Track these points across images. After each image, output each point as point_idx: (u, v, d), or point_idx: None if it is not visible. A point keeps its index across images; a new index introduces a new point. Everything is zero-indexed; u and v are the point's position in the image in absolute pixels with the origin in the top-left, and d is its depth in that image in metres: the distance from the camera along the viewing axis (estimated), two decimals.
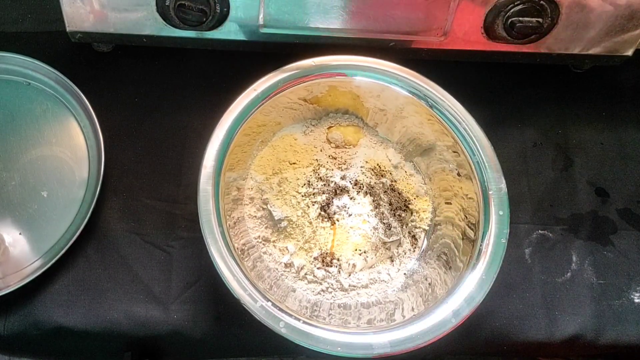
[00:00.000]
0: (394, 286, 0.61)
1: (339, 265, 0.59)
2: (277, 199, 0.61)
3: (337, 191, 0.61)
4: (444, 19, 0.63)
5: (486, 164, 0.58)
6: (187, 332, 0.60)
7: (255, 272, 0.57)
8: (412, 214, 0.64)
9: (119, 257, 0.62)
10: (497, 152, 0.59)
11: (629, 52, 0.68)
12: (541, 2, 0.61)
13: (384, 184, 0.63)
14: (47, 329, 0.59)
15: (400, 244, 0.63)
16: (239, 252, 0.56)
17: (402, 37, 0.65)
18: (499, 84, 0.74)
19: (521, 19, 0.62)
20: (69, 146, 0.65)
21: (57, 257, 0.59)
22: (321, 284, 0.59)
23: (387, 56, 0.62)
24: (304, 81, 0.61)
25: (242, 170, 0.63)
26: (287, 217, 0.60)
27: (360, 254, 0.60)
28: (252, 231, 0.62)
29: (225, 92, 0.60)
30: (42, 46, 0.70)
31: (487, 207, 0.57)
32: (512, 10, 0.62)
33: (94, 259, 0.62)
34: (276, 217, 0.60)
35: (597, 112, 0.74)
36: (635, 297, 0.64)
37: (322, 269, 0.59)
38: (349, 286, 0.60)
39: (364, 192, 0.62)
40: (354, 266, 0.60)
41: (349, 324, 0.57)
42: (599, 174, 0.70)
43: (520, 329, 0.63)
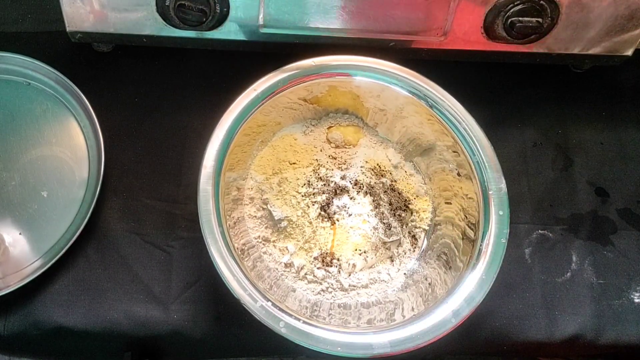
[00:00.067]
0: (394, 286, 0.61)
1: (339, 265, 0.59)
2: (277, 199, 0.61)
3: (337, 191, 0.61)
4: (444, 19, 0.63)
5: (486, 164, 0.58)
6: (187, 332, 0.60)
7: (255, 272, 0.57)
8: (412, 214, 0.64)
9: (119, 257, 0.62)
10: (497, 152, 0.59)
11: (629, 52, 0.68)
12: (541, 2, 0.61)
13: (384, 184, 0.63)
14: (47, 329, 0.59)
15: (400, 244, 0.63)
16: (239, 252, 0.56)
17: (402, 37, 0.65)
18: (499, 84, 0.74)
19: (521, 19, 0.62)
20: (69, 146, 0.65)
21: (57, 257, 0.59)
22: (321, 284, 0.59)
23: (387, 56, 0.62)
24: (304, 81, 0.61)
25: (242, 170, 0.63)
26: (287, 217, 0.60)
27: (360, 254, 0.60)
28: (252, 231, 0.62)
29: (225, 92, 0.60)
30: (42, 46, 0.70)
31: (487, 207, 0.57)
32: (512, 10, 0.62)
33: (94, 259, 0.62)
34: (276, 217, 0.60)
35: (597, 112, 0.74)
36: (635, 297, 0.64)
37: (322, 269, 0.59)
38: (349, 286, 0.60)
39: (364, 192, 0.62)
40: (354, 266, 0.60)
41: (349, 324, 0.57)
42: (599, 174, 0.70)
43: (520, 329, 0.63)
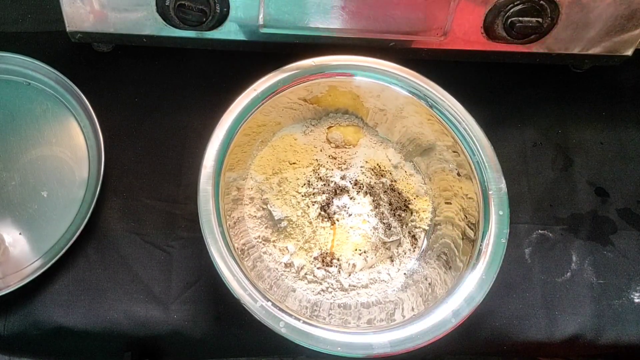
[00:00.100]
0: (394, 286, 0.61)
1: (339, 265, 0.59)
2: (277, 199, 0.61)
3: (337, 191, 0.61)
4: (444, 19, 0.63)
5: (486, 164, 0.58)
6: (187, 332, 0.60)
7: (255, 272, 0.57)
8: (412, 214, 0.64)
9: (119, 257, 0.62)
10: (497, 152, 0.59)
11: (629, 52, 0.68)
12: (541, 2, 0.61)
13: (384, 184, 0.63)
14: (47, 329, 0.59)
15: (400, 244, 0.63)
16: (239, 252, 0.56)
17: (402, 37, 0.65)
18: (499, 84, 0.74)
19: (521, 19, 0.62)
20: (69, 146, 0.65)
21: (57, 257, 0.59)
22: (321, 283, 0.59)
23: (387, 56, 0.62)
24: (304, 81, 0.61)
25: (242, 170, 0.63)
26: (287, 217, 0.60)
27: (360, 254, 0.60)
28: (252, 231, 0.62)
29: (225, 92, 0.60)
30: (42, 46, 0.70)
31: (487, 207, 0.57)
32: (512, 10, 0.62)
33: (94, 259, 0.62)
34: (276, 217, 0.60)
35: (597, 112, 0.74)
36: (635, 297, 0.64)
37: (322, 268, 0.59)
38: (349, 286, 0.60)
39: (364, 192, 0.62)
40: (354, 266, 0.60)
41: (349, 324, 0.57)
42: (599, 174, 0.70)
43: (520, 329, 0.63)
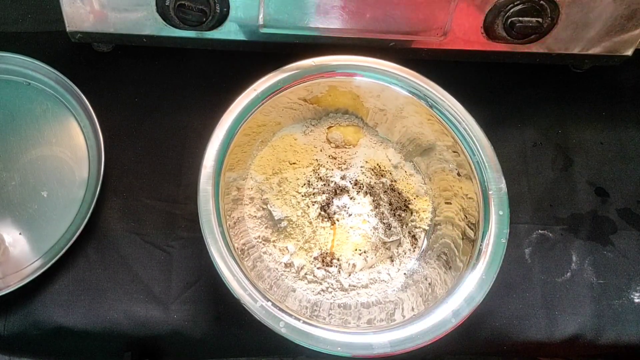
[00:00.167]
0: (394, 286, 0.61)
1: (339, 265, 0.59)
2: (277, 199, 0.61)
3: (337, 191, 0.61)
4: (444, 19, 0.63)
5: (486, 164, 0.58)
6: (187, 332, 0.60)
7: (255, 272, 0.57)
8: (412, 214, 0.64)
9: (119, 257, 0.62)
10: (497, 152, 0.59)
11: (629, 52, 0.68)
12: (541, 2, 0.61)
13: (384, 184, 0.63)
14: (47, 329, 0.59)
15: (400, 244, 0.63)
16: (239, 252, 0.56)
17: (402, 37, 0.65)
18: (499, 84, 0.74)
19: (521, 19, 0.62)
20: (69, 146, 0.65)
21: (57, 257, 0.59)
22: (321, 283, 0.59)
23: (387, 56, 0.62)
24: (304, 81, 0.61)
25: (242, 170, 0.63)
26: (287, 217, 0.60)
27: (360, 254, 0.60)
28: (252, 231, 0.62)
29: (225, 92, 0.60)
30: (42, 46, 0.70)
31: (487, 207, 0.57)
32: (511, 10, 0.62)
33: (94, 259, 0.62)
34: (276, 217, 0.60)
35: (597, 112, 0.74)
36: (635, 297, 0.64)
37: (322, 269, 0.59)
38: (349, 286, 0.60)
39: (364, 192, 0.62)
40: (354, 266, 0.60)
41: (349, 323, 0.57)
42: (599, 174, 0.70)
43: (520, 329, 0.63)
